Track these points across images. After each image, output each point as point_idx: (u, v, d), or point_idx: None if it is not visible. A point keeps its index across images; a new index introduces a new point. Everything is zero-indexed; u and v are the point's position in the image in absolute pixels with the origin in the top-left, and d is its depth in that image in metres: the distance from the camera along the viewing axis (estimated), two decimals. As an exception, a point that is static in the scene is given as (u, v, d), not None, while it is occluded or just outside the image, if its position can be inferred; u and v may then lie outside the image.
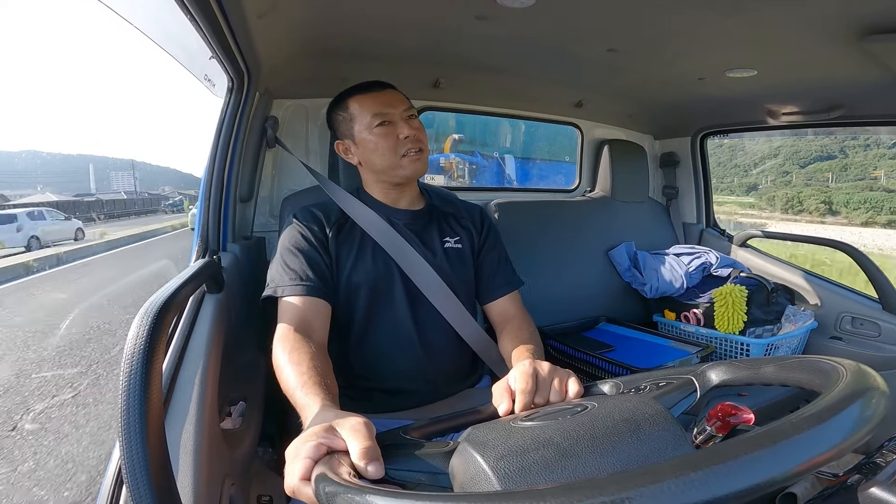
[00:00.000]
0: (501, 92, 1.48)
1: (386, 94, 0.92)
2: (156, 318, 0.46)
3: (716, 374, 0.51)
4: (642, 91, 1.45)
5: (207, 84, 1.06)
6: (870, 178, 30.04)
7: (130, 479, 0.39)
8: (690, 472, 0.26)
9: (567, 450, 0.38)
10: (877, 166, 30.68)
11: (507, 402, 0.58)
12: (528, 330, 0.89)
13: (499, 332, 0.93)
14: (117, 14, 0.74)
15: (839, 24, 0.86)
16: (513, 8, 0.84)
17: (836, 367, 0.38)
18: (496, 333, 0.94)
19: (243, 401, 0.82)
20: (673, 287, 1.55)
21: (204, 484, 0.53)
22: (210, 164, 0.94)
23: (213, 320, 0.74)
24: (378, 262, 0.89)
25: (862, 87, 1.19)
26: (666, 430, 0.40)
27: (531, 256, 1.43)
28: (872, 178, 29.92)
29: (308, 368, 0.64)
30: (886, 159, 31.05)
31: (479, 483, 0.38)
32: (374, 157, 0.90)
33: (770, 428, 0.29)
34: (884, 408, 0.32)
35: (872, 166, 30.90)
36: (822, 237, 1.81)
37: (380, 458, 0.43)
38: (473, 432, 0.42)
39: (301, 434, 0.47)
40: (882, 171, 30.44)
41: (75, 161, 57.31)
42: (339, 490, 0.34)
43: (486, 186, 1.90)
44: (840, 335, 1.47)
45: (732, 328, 1.37)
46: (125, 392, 0.41)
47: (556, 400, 0.57)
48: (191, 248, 0.97)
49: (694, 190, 1.87)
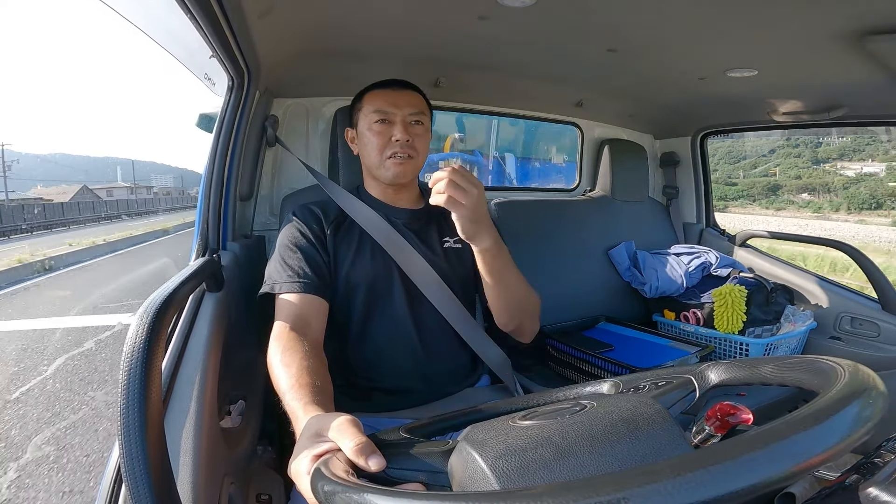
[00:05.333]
0: (502, 91, 1.48)
1: (396, 94, 0.91)
2: (155, 317, 0.46)
3: (715, 373, 0.51)
4: (642, 91, 1.45)
5: (207, 83, 1.06)
6: (769, 174, 33.42)
7: (130, 478, 0.39)
8: (687, 473, 0.26)
9: (565, 449, 0.38)
10: (779, 164, 33.79)
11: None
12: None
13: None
14: (118, 14, 0.74)
15: (840, 23, 0.86)
16: (513, 8, 0.84)
17: (834, 368, 0.38)
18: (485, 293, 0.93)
19: (243, 399, 0.82)
20: (673, 287, 1.55)
21: (203, 483, 0.53)
22: (210, 163, 0.94)
23: (212, 319, 0.74)
24: (377, 260, 0.89)
25: (862, 87, 1.18)
26: (664, 429, 0.41)
27: (531, 256, 1.43)
28: (771, 174, 33.36)
29: (298, 370, 0.64)
30: (791, 157, 33.81)
31: (477, 482, 0.38)
32: (365, 151, 0.92)
33: (767, 428, 0.29)
34: (882, 408, 0.32)
35: (775, 164, 34.22)
36: (822, 237, 1.81)
37: (377, 451, 0.43)
38: (472, 431, 0.42)
39: (294, 451, 0.47)
40: (778, 168, 33.63)
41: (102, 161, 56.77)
42: (336, 489, 0.34)
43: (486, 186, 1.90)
44: (839, 335, 1.47)
45: (732, 328, 1.37)
46: (125, 390, 0.41)
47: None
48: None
49: (694, 190, 1.87)
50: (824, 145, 32.41)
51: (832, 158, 31.90)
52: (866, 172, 29.39)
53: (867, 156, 30.51)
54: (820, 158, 32.40)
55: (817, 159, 32.50)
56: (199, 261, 0.80)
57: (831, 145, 32.21)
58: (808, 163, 32.57)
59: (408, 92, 0.93)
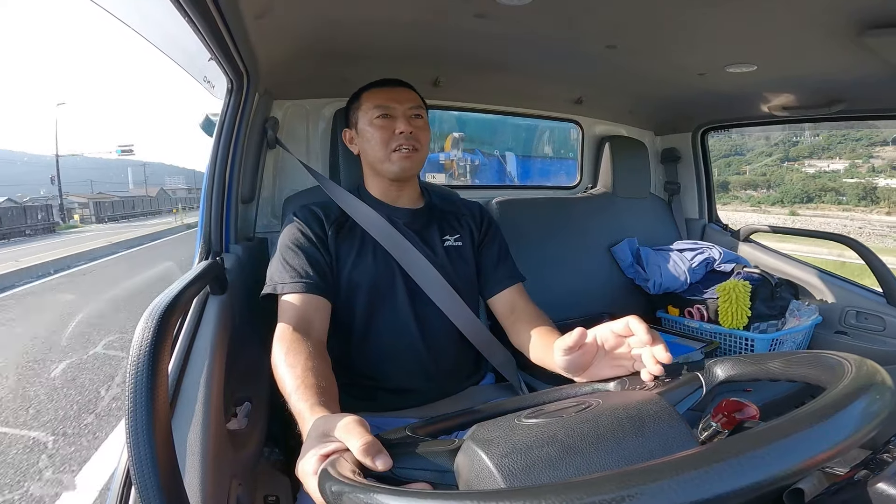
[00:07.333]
0: (501, 90, 1.48)
1: (395, 91, 0.92)
2: (160, 320, 0.47)
3: (722, 369, 0.51)
4: (642, 87, 1.44)
5: (207, 86, 1.06)
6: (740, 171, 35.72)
7: (139, 481, 0.39)
8: (692, 470, 0.26)
9: (571, 447, 0.38)
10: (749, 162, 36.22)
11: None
12: (545, 318, 0.88)
13: (509, 325, 0.92)
14: (116, 18, 0.74)
15: (839, 18, 0.85)
16: (512, 6, 0.84)
17: (841, 363, 0.38)
18: (505, 328, 0.93)
19: (248, 401, 0.82)
20: (676, 283, 1.54)
21: (211, 485, 0.53)
22: (211, 166, 0.94)
23: (217, 321, 0.74)
24: (379, 260, 0.89)
25: (862, 82, 1.18)
26: (671, 426, 0.40)
27: (533, 254, 1.43)
28: (742, 171, 35.58)
29: (303, 371, 0.64)
30: (763, 156, 35.69)
31: (483, 481, 0.38)
32: (368, 147, 0.92)
33: (773, 424, 0.29)
34: (890, 403, 0.32)
35: (745, 162, 36.45)
36: (826, 232, 1.80)
37: (384, 451, 0.43)
38: (478, 430, 0.42)
39: (301, 451, 0.47)
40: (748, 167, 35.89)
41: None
42: (344, 489, 0.34)
43: (487, 184, 1.90)
44: (845, 329, 1.46)
45: (736, 323, 1.37)
46: (132, 394, 0.41)
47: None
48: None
49: (696, 185, 1.87)
50: (800, 144, 33.79)
51: (802, 156, 33.33)
52: (832, 169, 31.32)
53: (835, 154, 31.89)
54: (790, 157, 33.65)
55: (787, 157, 33.74)
56: (202, 264, 0.81)
57: (801, 144, 33.68)
58: (777, 161, 33.96)
59: (405, 89, 0.94)
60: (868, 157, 29.77)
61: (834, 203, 28.67)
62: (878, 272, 1.43)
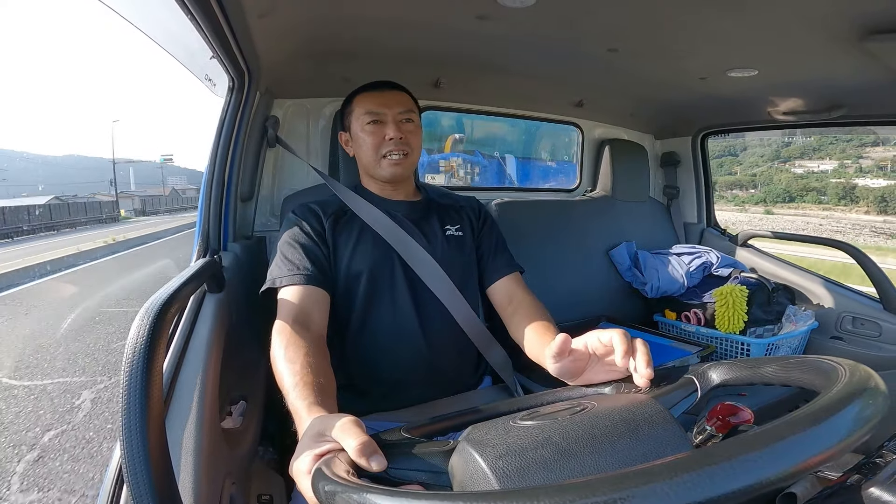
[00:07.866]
0: (502, 92, 1.48)
1: (386, 95, 0.93)
2: (156, 318, 0.46)
3: (716, 373, 0.51)
4: (643, 90, 1.44)
5: (208, 84, 1.06)
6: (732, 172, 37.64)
7: (131, 479, 0.39)
8: (685, 473, 0.26)
9: (566, 449, 0.38)
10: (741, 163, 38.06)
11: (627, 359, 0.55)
12: (543, 311, 0.87)
13: (507, 316, 0.92)
14: (119, 14, 0.74)
15: (841, 23, 0.86)
16: (513, 8, 0.84)
17: (835, 367, 0.38)
18: (504, 320, 0.93)
19: (244, 400, 0.82)
20: (673, 287, 1.54)
21: (204, 483, 0.53)
22: (210, 164, 0.94)
23: (213, 320, 0.74)
24: (378, 249, 0.90)
25: (863, 87, 1.18)
26: (665, 429, 0.40)
27: (532, 256, 1.43)
28: (733, 171, 37.46)
29: (302, 367, 0.63)
30: (755, 156, 37.50)
31: (477, 482, 0.38)
32: (360, 152, 0.94)
33: (766, 428, 0.29)
34: (882, 408, 0.32)
35: (737, 163, 38.46)
36: (824, 237, 1.81)
37: (379, 452, 0.43)
38: (473, 431, 0.42)
39: (296, 451, 0.47)
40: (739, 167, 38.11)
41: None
42: (337, 489, 0.34)
43: (486, 186, 1.90)
44: (841, 335, 1.46)
45: (733, 328, 1.37)
46: (126, 391, 0.41)
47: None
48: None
49: (695, 190, 1.87)
50: (792, 145, 34.34)
51: (793, 157, 33.90)
52: (821, 169, 32.03)
53: (825, 154, 32.43)
54: (782, 157, 34.14)
55: (778, 157, 34.21)
56: (199, 262, 0.80)
57: (793, 145, 34.26)
58: (766, 160, 34.46)
59: (396, 92, 0.94)
60: (857, 158, 30.64)
61: (815, 203, 30.11)
62: (874, 278, 1.43)
